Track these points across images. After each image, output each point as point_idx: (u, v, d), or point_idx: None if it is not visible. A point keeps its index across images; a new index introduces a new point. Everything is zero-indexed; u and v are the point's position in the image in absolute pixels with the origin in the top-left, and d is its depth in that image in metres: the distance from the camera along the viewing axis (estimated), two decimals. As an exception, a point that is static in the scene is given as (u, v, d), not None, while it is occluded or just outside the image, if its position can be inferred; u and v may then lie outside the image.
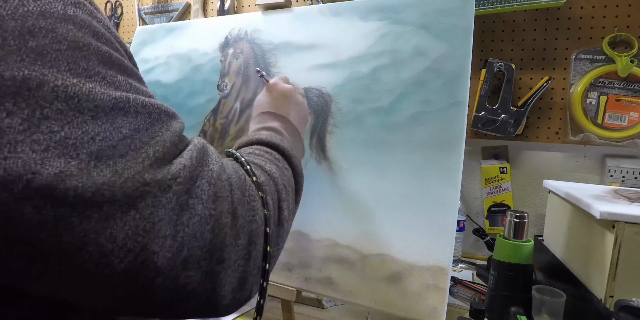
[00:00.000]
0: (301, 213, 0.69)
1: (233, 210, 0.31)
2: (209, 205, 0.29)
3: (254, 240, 0.33)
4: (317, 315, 0.74)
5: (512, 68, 0.96)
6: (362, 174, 0.66)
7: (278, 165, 0.43)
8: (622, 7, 0.90)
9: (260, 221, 0.35)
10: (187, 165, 0.29)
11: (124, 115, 0.27)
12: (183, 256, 0.27)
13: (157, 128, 0.29)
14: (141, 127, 0.28)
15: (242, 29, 0.88)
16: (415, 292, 0.57)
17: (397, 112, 0.67)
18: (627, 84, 0.91)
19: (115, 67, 0.29)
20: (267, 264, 0.35)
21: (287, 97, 0.61)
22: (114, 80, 0.28)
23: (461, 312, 0.74)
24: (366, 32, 0.73)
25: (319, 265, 0.65)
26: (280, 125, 0.54)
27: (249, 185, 0.35)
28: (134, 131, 0.27)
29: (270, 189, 0.39)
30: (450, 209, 0.59)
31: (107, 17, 1.51)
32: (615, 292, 0.57)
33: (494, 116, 0.97)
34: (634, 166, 0.93)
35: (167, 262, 0.27)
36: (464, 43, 0.65)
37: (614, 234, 0.56)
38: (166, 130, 0.30)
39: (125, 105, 0.27)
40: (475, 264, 0.98)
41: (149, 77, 0.99)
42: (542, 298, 0.65)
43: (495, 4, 0.91)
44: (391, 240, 0.61)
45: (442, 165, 0.61)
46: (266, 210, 0.36)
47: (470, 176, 1.07)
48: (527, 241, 0.67)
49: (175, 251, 0.27)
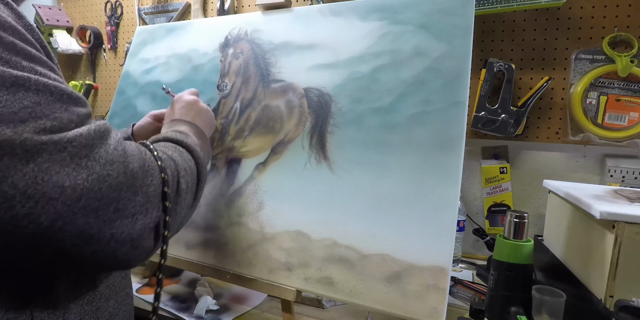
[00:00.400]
0: (301, 213, 0.69)
1: (131, 173, 0.38)
2: (107, 167, 0.36)
3: (151, 200, 0.40)
4: (317, 315, 0.74)
5: (512, 68, 0.96)
6: (362, 174, 0.66)
7: (181, 155, 0.50)
8: (622, 7, 0.90)
9: (157, 185, 0.41)
10: (83, 134, 0.35)
11: (25, 91, 0.33)
12: (81, 204, 0.34)
13: (58, 106, 0.35)
14: (42, 102, 0.34)
15: (242, 29, 0.88)
16: (415, 292, 0.57)
17: (397, 112, 0.67)
18: (627, 84, 0.91)
19: (20, 55, 0.34)
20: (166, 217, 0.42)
21: (192, 106, 0.67)
22: (18, 64, 0.34)
23: (461, 312, 0.74)
24: (366, 32, 0.73)
25: (319, 265, 0.65)
26: (187, 128, 0.61)
27: (149, 159, 0.42)
28: (35, 104, 0.33)
29: (170, 165, 0.46)
30: (450, 209, 0.59)
31: (107, 17, 1.51)
32: (615, 292, 0.57)
33: (494, 116, 0.97)
34: (634, 166, 0.93)
35: (67, 208, 0.33)
36: (464, 43, 0.65)
37: (614, 234, 0.56)
38: (65, 109, 0.35)
39: (26, 83, 0.33)
40: (475, 264, 0.98)
41: (149, 77, 0.99)
42: (542, 298, 0.65)
43: (495, 4, 0.91)
44: (391, 240, 0.61)
45: (442, 165, 0.61)
46: (164, 174, 0.43)
47: (470, 176, 1.07)
48: (527, 241, 0.67)
49: (75, 199, 0.33)
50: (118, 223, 0.36)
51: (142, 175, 0.40)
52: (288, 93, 0.78)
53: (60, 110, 0.35)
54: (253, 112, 0.80)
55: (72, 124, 0.35)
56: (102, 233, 0.35)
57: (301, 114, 0.75)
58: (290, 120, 0.76)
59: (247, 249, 0.72)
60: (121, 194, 0.37)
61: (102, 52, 1.56)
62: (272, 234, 0.70)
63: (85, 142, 0.35)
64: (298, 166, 0.72)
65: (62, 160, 0.33)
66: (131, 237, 0.38)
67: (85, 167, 0.34)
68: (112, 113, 1.02)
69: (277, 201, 0.72)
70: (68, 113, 0.35)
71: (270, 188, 0.74)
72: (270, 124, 0.78)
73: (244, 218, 0.74)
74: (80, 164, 0.34)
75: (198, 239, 0.77)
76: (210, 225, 0.77)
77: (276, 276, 0.67)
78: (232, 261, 0.72)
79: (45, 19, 1.52)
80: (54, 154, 0.33)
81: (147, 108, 0.95)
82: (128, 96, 1.01)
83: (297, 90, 0.77)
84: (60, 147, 0.33)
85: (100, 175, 0.35)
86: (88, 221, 0.34)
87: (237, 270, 0.71)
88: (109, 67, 1.56)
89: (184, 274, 0.90)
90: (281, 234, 0.69)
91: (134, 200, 0.38)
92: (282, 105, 0.78)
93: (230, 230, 0.75)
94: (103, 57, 1.57)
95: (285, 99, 0.78)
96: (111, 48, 1.53)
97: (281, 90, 0.79)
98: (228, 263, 0.72)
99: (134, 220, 0.38)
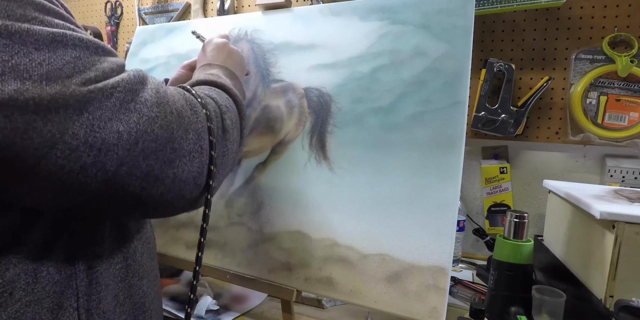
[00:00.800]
0: (301, 213, 0.69)
1: (177, 112, 0.40)
2: (154, 109, 0.37)
3: (202, 136, 0.42)
4: (317, 315, 0.74)
5: (512, 68, 0.96)
6: (362, 174, 0.66)
7: (220, 95, 0.51)
8: (622, 7, 0.90)
9: (204, 121, 0.43)
10: (124, 79, 0.36)
11: (63, 47, 0.34)
12: (140, 147, 0.35)
13: (96, 58, 0.36)
14: (82, 56, 0.35)
15: (242, 29, 0.88)
16: (415, 292, 0.57)
17: (397, 112, 0.67)
18: (627, 84, 0.91)
19: (51, 14, 0.35)
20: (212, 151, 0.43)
21: (221, 49, 0.67)
22: (52, 22, 0.35)
23: (461, 312, 0.74)
24: (366, 32, 0.73)
25: (319, 265, 0.65)
26: (218, 71, 0.61)
27: (190, 98, 0.44)
28: (76, 58, 0.34)
29: (210, 102, 0.47)
30: (450, 209, 0.59)
31: (107, 17, 1.51)
32: (615, 292, 0.57)
33: (494, 116, 0.97)
34: (634, 166, 0.93)
35: (127, 152, 0.35)
36: (464, 43, 0.65)
37: (614, 234, 0.56)
38: (104, 61, 0.37)
39: (63, 39, 0.34)
40: (475, 264, 0.98)
41: (149, 77, 0.99)
42: (542, 298, 0.65)
43: (495, 4, 0.91)
44: (391, 240, 0.61)
45: (442, 165, 0.61)
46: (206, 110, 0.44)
47: (470, 176, 1.07)
48: (527, 241, 0.67)
49: (132, 143, 0.35)
50: (177, 162, 0.38)
51: (188, 113, 0.41)
52: (288, 93, 0.78)
53: (100, 62, 0.36)
54: (253, 112, 0.80)
55: (114, 72, 0.37)
56: (164, 173, 0.37)
57: (301, 114, 0.75)
58: (290, 120, 0.76)
59: (247, 249, 0.72)
60: (174, 133, 0.38)
61: (102, 52, 1.56)
62: (272, 234, 0.70)
63: (129, 86, 0.37)
64: (298, 166, 0.72)
65: (113, 107, 0.34)
66: (192, 175, 0.40)
67: (134, 110, 0.36)
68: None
69: (277, 201, 0.72)
70: (107, 63, 0.37)
71: (270, 188, 0.74)
72: (270, 124, 0.78)
73: (244, 218, 0.74)
74: (129, 108, 0.36)
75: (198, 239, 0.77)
76: (210, 225, 0.77)
77: (276, 276, 0.67)
78: (232, 261, 0.72)
79: (45, 19, 1.52)
80: (103, 101, 0.34)
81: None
82: (128, 96, 1.01)
83: (297, 90, 0.77)
84: (107, 94, 0.35)
85: (149, 117, 0.37)
86: (149, 163, 0.36)
87: (237, 270, 0.71)
88: (109, 67, 1.56)
89: (184, 274, 0.90)
90: (281, 234, 0.69)
91: (186, 138, 0.40)
92: (282, 105, 0.78)
93: (230, 230, 0.75)
94: (103, 57, 1.57)
95: (285, 99, 0.78)
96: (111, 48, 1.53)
97: (281, 90, 0.79)
98: (228, 263, 0.72)
99: (191, 158, 0.40)
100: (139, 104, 0.37)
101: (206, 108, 0.45)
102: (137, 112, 0.36)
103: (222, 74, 0.61)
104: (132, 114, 0.36)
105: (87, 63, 0.35)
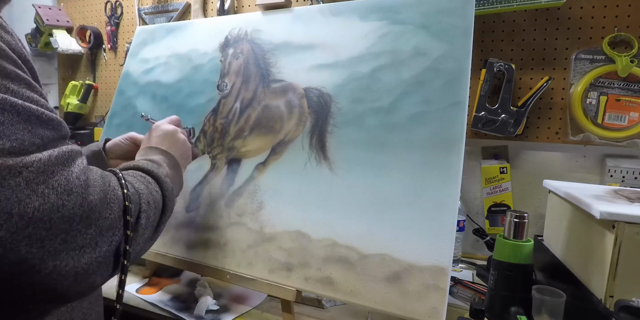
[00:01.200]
0: (301, 213, 0.69)
1: (89, 205, 0.36)
2: (63, 197, 0.34)
3: (104, 233, 0.38)
4: (317, 315, 0.74)
5: (512, 68, 0.96)
6: (362, 174, 0.66)
7: (148, 187, 0.49)
8: (622, 7, 0.90)
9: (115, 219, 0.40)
10: (42, 159, 0.34)
11: None
12: (26, 233, 0.32)
13: (22, 127, 0.34)
14: (6, 122, 0.32)
15: (242, 29, 0.88)
16: (415, 292, 0.57)
17: (397, 112, 0.67)
18: (627, 84, 0.91)
19: None
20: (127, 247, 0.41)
21: (169, 136, 0.65)
22: None
23: (461, 312, 0.74)
24: (366, 32, 0.73)
25: (319, 265, 0.65)
26: (160, 158, 0.59)
27: (112, 190, 0.41)
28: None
29: (135, 199, 0.44)
30: (450, 209, 0.59)
31: (107, 17, 1.51)
32: (615, 292, 0.57)
33: (494, 116, 0.97)
34: (634, 166, 0.93)
35: (10, 235, 0.31)
36: (464, 43, 0.65)
37: (614, 234, 0.56)
38: (29, 131, 0.34)
39: None
40: (475, 264, 0.98)
41: (149, 77, 0.99)
42: (542, 298, 0.65)
43: (495, 4, 0.91)
44: (391, 240, 0.61)
45: (442, 165, 0.61)
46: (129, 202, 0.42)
47: (470, 176, 1.07)
48: (527, 241, 0.67)
49: (21, 227, 0.32)
50: (63, 255, 0.35)
51: (100, 207, 0.38)
52: (288, 93, 0.78)
53: (23, 132, 0.34)
54: (253, 112, 0.80)
55: (34, 146, 0.34)
56: (44, 264, 0.33)
57: (301, 114, 0.75)
58: (290, 120, 0.76)
59: (247, 249, 0.72)
60: (73, 225, 0.35)
61: (102, 52, 1.56)
62: (272, 234, 0.70)
63: (44, 167, 0.34)
64: (298, 166, 0.72)
65: (16, 186, 0.32)
66: (75, 271, 0.36)
67: (40, 194, 0.33)
68: (112, 113, 1.02)
69: (277, 201, 0.72)
70: (31, 135, 0.34)
71: (270, 188, 0.74)
72: (270, 124, 0.78)
73: (244, 218, 0.74)
74: (35, 191, 0.33)
75: (198, 239, 0.77)
76: (210, 225, 0.77)
77: (276, 276, 0.67)
78: (232, 261, 0.72)
79: (45, 19, 1.52)
80: (7, 178, 0.31)
81: (147, 108, 0.95)
82: (128, 96, 1.01)
83: (297, 90, 0.77)
84: (15, 172, 0.32)
85: (53, 205, 0.33)
86: (31, 250, 0.33)
87: (237, 270, 0.71)
88: (109, 67, 1.56)
89: (184, 274, 0.90)
90: (281, 234, 0.69)
91: (85, 233, 0.36)
92: (282, 105, 0.78)
93: (230, 230, 0.75)
94: (103, 57, 1.57)
95: (285, 99, 0.78)
96: (111, 48, 1.53)
97: (281, 90, 0.79)
98: (228, 263, 0.72)
99: (81, 253, 0.36)
100: (49, 188, 0.33)
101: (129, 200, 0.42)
102: (42, 197, 0.33)
103: (164, 161, 0.59)
104: (36, 198, 0.33)
105: (7, 130, 0.32)
